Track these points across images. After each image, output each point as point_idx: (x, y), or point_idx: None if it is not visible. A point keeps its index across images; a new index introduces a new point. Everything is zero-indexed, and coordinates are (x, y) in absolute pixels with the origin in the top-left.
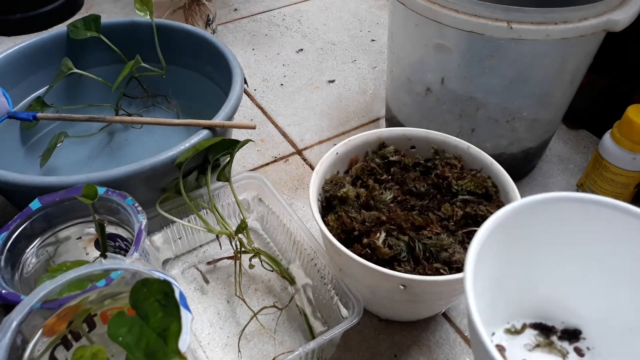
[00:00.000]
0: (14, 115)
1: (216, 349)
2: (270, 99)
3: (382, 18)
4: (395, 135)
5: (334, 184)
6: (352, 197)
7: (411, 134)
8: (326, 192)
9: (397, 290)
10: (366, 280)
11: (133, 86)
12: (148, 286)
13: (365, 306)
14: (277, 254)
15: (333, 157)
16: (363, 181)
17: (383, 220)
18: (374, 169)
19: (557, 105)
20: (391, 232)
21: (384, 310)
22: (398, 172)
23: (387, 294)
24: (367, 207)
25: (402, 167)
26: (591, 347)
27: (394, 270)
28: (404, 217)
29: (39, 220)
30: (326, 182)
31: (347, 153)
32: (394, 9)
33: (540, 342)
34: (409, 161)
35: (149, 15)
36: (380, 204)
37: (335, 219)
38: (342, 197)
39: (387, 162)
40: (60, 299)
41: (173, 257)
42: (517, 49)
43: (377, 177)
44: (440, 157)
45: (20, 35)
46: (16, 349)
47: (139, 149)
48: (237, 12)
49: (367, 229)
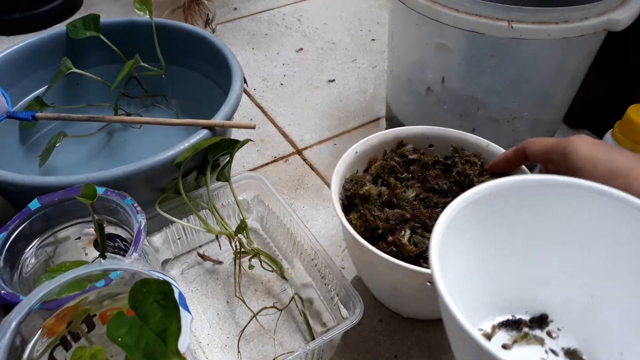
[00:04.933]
0: (13, 115)
1: (216, 349)
2: (270, 98)
3: (382, 17)
4: (414, 134)
5: (354, 183)
6: (374, 196)
7: (429, 132)
8: (347, 190)
9: (423, 288)
10: (391, 278)
11: (132, 86)
12: (147, 286)
13: (385, 304)
14: (277, 254)
15: (352, 156)
16: (384, 179)
17: (407, 218)
18: (394, 167)
19: (557, 105)
20: (415, 229)
21: (406, 308)
22: (418, 170)
23: (412, 292)
24: (390, 205)
25: (421, 165)
26: (560, 327)
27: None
28: (428, 214)
29: (38, 220)
30: (346, 181)
31: (366, 152)
32: (395, 8)
33: (516, 338)
34: (429, 159)
35: (148, 14)
36: (403, 201)
37: (358, 218)
38: (364, 195)
39: (407, 160)
40: (60, 299)
41: (172, 257)
42: (518, 49)
43: (398, 176)
44: (459, 154)
45: (20, 35)
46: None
47: (138, 148)
48: (236, 11)
49: (391, 227)
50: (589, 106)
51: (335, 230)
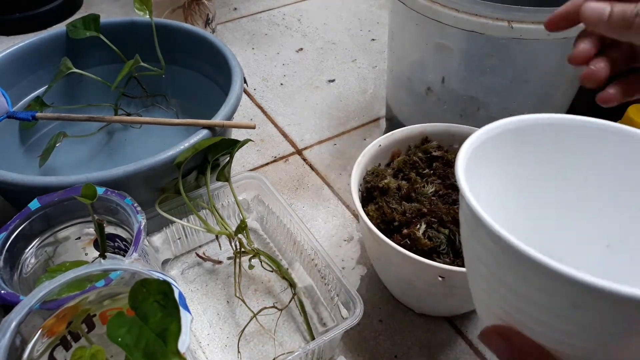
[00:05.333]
0: (13, 115)
1: (216, 349)
2: (270, 98)
3: (382, 17)
4: (439, 131)
5: (375, 175)
6: (393, 189)
7: (455, 129)
8: (367, 182)
9: (435, 282)
10: (404, 271)
11: (132, 86)
12: (147, 286)
13: (399, 298)
14: (277, 254)
15: (375, 149)
16: (405, 174)
17: (424, 212)
18: (416, 162)
19: (557, 105)
20: (431, 224)
21: (420, 304)
22: (440, 167)
23: (425, 286)
24: (408, 199)
25: (444, 162)
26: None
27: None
28: (446, 210)
29: (38, 220)
30: (367, 173)
31: (389, 146)
32: (395, 8)
33: None
34: (452, 157)
35: (148, 14)
36: (422, 196)
37: (376, 209)
38: (384, 188)
39: (430, 157)
40: (60, 299)
41: (172, 257)
42: (518, 49)
43: (419, 171)
44: None
45: (20, 35)
46: (15, 350)
47: (138, 148)
48: (236, 11)
49: (408, 220)
50: (588, 106)
51: (335, 230)
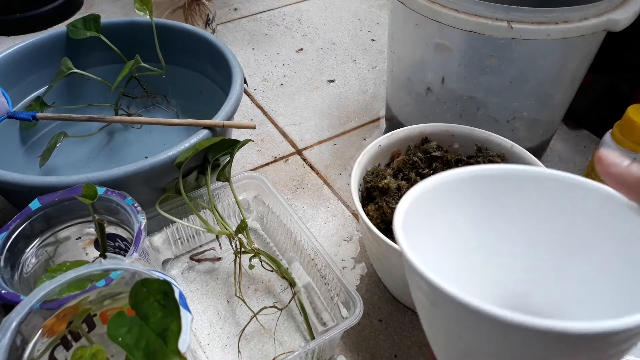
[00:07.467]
0: (13, 115)
1: (216, 349)
2: (270, 98)
3: (382, 17)
4: (439, 131)
5: (375, 175)
6: (393, 189)
7: (454, 130)
8: (367, 182)
9: None
10: (403, 271)
11: (133, 86)
12: (148, 286)
13: (399, 298)
14: (277, 254)
15: (375, 149)
16: (404, 174)
17: None
18: (415, 162)
19: (557, 105)
20: None
21: None
22: (440, 167)
23: None
24: None
25: (444, 162)
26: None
27: None
28: None
29: (39, 220)
30: (367, 173)
31: (389, 146)
32: (394, 8)
33: None
34: (452, 157)
35: (148, 14)
36: None
37: (376, 209)
38: (384, 188)
39: (430, 157)
40: (60, 299)
41: (173, 257)
42: (518, 49)
43: (419, 171)
44: (483, 154)
45: (20, 35)
46: (16, 349)
47: (138, 148)
48: (236, 11)
49: None
50: (588, 106)
51: (335, 230)
